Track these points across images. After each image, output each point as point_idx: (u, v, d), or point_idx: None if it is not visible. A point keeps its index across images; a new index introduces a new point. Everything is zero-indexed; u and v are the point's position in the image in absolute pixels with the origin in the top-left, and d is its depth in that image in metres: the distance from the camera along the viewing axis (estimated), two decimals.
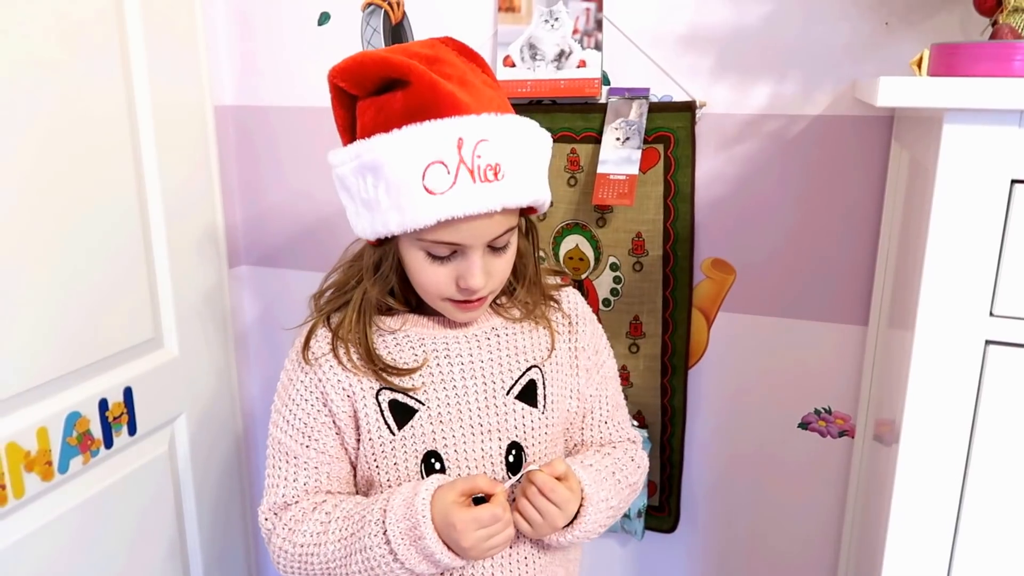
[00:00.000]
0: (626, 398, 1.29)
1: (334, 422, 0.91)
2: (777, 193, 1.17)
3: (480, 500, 0.84)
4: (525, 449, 0.92)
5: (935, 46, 0.65)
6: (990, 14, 0.85)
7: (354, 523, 0.86)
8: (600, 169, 1.18)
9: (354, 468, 0.94)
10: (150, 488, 1.31)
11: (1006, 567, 0.70)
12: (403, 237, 0.83)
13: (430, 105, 0.77)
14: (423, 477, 0.89)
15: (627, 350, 1.28)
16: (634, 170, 1.17)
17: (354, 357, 0.89)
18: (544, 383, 0.94)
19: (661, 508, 1.33)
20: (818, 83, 1.11)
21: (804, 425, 1.24)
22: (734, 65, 1.14)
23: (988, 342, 0.66)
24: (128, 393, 1.24)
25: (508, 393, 0.92)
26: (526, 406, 0.92)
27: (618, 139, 1.18)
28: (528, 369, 0.94)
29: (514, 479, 0.87)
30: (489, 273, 0.85)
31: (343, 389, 0.90)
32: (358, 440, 0.92)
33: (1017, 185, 0.63)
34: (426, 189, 0.77)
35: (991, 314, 0.65)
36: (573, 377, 0.98)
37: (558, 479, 0.85)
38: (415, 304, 0.93)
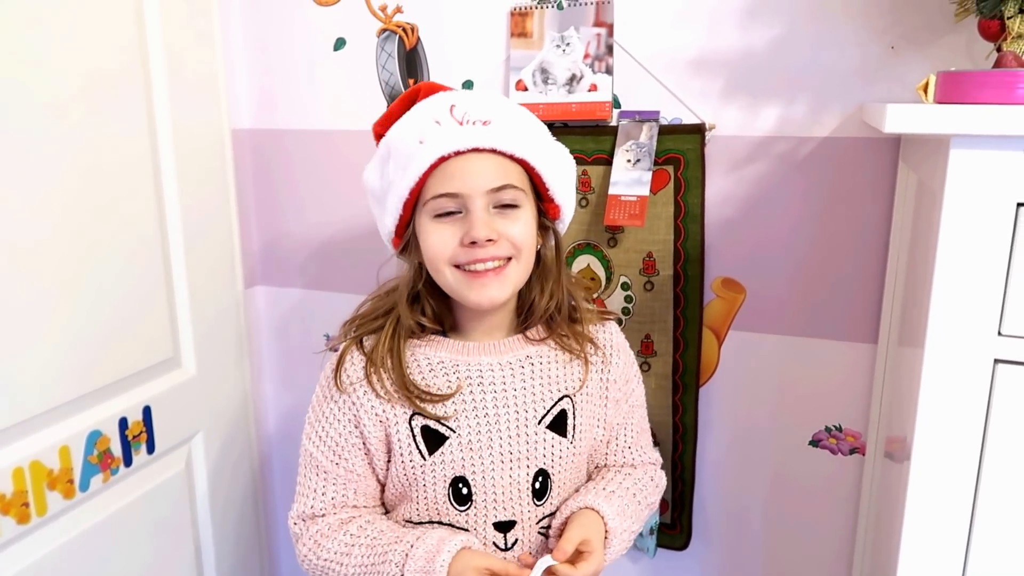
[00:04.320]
0: None
1: (364, 444, 0.94)
2: (786, 213, 1.18)
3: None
4: (551, 476, 0.95)
5: (941, 74, 0.67)
6: (994, 39, 0.87)
7: (376, 555, 0.90)
8: (612, 190, 1.20)
9: (382, 485, 0.98)
10: (168, 505, 1.33)
11: None
12: (417, 218, 0.89)
13: (427, 91, 0.91)
14: (451, 500, 0.92)
15: (639, 368, 1.29)
16: (645, 191, 1.19)
17: (387, 384, 0.92)
18: (574, 413, 0.97)
19: (673, 526, 1.34)
20: (826, 105, 1.13)
21: (815, 443, 1.25)
22: (743, 88, 1.16)
23: (997, 361, 0.67)
24: (147, 412, 1.26)
25: (540, 423, 0.94)
26: (556, 435, 0.95)
27: (629, 161, 1.20)
28: (560, 399, 0.96)
29: (537, 570, 0.86)
30: (496, 232, 0.86)
31: (376, 415, 0.92)
32: (388, 462, 0.95)
33: (1023, 208, 0.64)
34: (420, 142, 0.85)
35: (999, 333, 0.67)
36: (602, 408, 1.01)
37: (578, 550, 0.88)
38: (449, 326, 0.96)
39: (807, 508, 1.28)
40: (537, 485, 0.94)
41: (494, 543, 0.94)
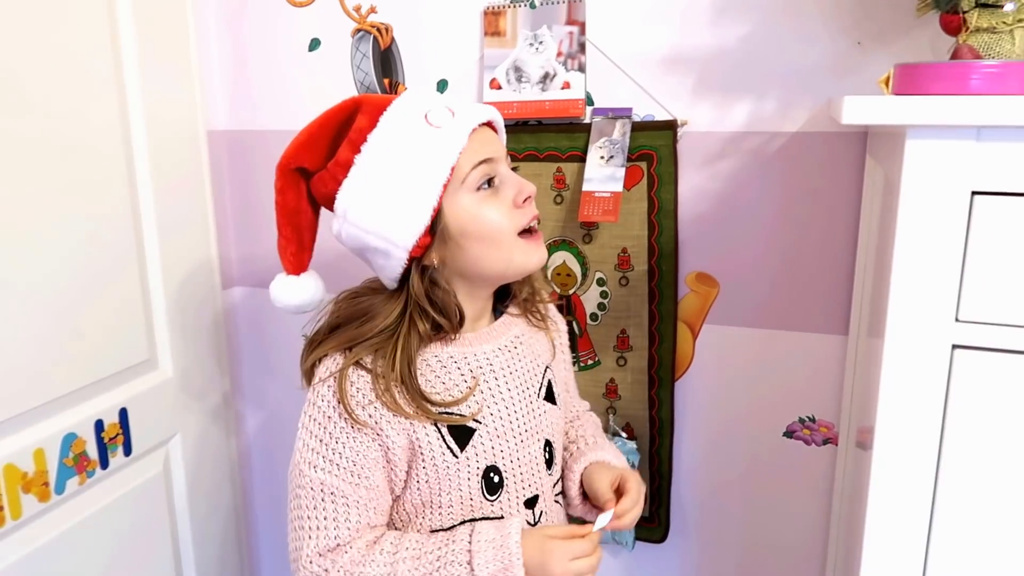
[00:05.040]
0: (615, 411, 1.33)
1: (385, 455, 0.89)
2: (758, 208, 1.20)
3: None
4: (553, 444, 0.99)
5: (899, 66, 0.68)
6: (956, 33, 0.89)
7: (428, 563, 0.86)
8: (585, 187, 1.21)
9: (393, 499, 0.94)
10: (145, 508, 1.33)
11: (979, 568, 0.73)
12: (454, 201, 0.85)
13: (372, 102, 0.89)
14: (483, 492, 0.92)
15: (615, 363, 1.31)
16: (618, 187, 1.20)
17: (401, 403, 0.87)
18: (555, 381, 1.02)
19: (651, 519, 1.35)
20: (795, 101, 1.15)
21: (789, 434, 1.27)
22: (714, 85, 1.18)
23: (955, 346, 0.69)
24: (123, 414, 1.25)
25: (538, 396, 0.98)
26: (550, 405, 0.99)
27: (602, 158, 1.22)
28: (545, 371, 1.00)
29: (602, 521, 0.92)
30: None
31: (399, 422, 0.88)
32: (408, 471, 0.91)
33: (977, 196, 0.66)
34: (436, 127, 0.85)
35: (957, 319, 0.68)
36: (563, 371, 1.08)
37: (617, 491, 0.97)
38: (460, 320, 0.92)
39: (783, 499, 1.29)
40: (547, 455, 0.98)
41: (527, 522, 0.96)
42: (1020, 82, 0.64)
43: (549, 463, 0.99)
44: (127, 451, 1.27)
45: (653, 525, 1.36)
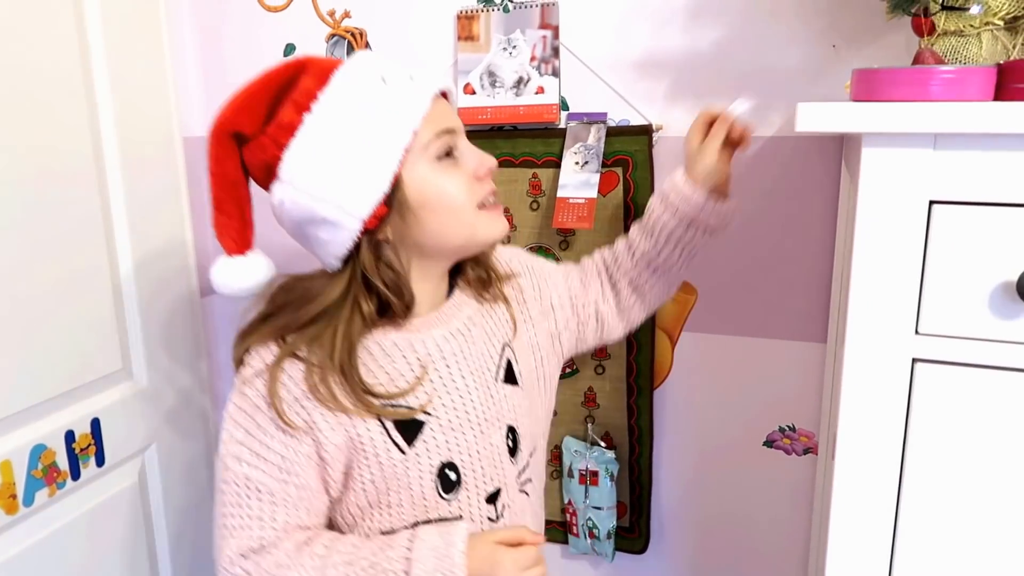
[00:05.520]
0: (593, 420, 1.31)
1: (318, 453, 0.82)
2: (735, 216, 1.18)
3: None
4: (518, 430, 0.93)
5: (856, 71, 0.67)
6: (926, 36, 0.87)
7: (362, 570, 0.80)
8: (560, 193, 1.20)
9: (331, 499, 0.87)
10: (120, 519, 1.31)
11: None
12: (412, 171, 0.80)
13: (318, 64, 0.83)
14: (439, 491, 0.86)
15: (593, 372, 1.29)
16: (592, 193, 1.18)
17: (340, 396, 0.81)
18: (516, 359, 0.94)
19: (631, 529, 1.33)
20: (771, 105, 1.12)
21: (769, 443, 1.25)
22: (689, 89, 1.16)
23: (915, 360, 0.67)
24: (96, 424, 1.24)
25: (496, 379, 0.91)
26: (512, 387, 0.92)
27: (577, 163, 1.20)
28: (503, 350, 0.93)
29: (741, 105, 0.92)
30: None
31: (336, 417, 0.82)
32: (345, 473, 0.84)
33: (936, 206, 0.64)
34: (398, 85, 0.80)
35: (917, 332, 0.66)
36: (543, 325, 1.00)
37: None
38: (409, 302, 0.86)
39: (763, 509, 1.27)
40: (510, 443, 0.91)
41: (488, 518, 0.89)
42: (978, 88, 0.62)
43: (513, 451, 0.91)
44: (100, 462, 1.26)
45: (633, 535, 1.34)
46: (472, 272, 0.94)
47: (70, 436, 1.20)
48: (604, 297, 1.04)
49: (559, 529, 1.36)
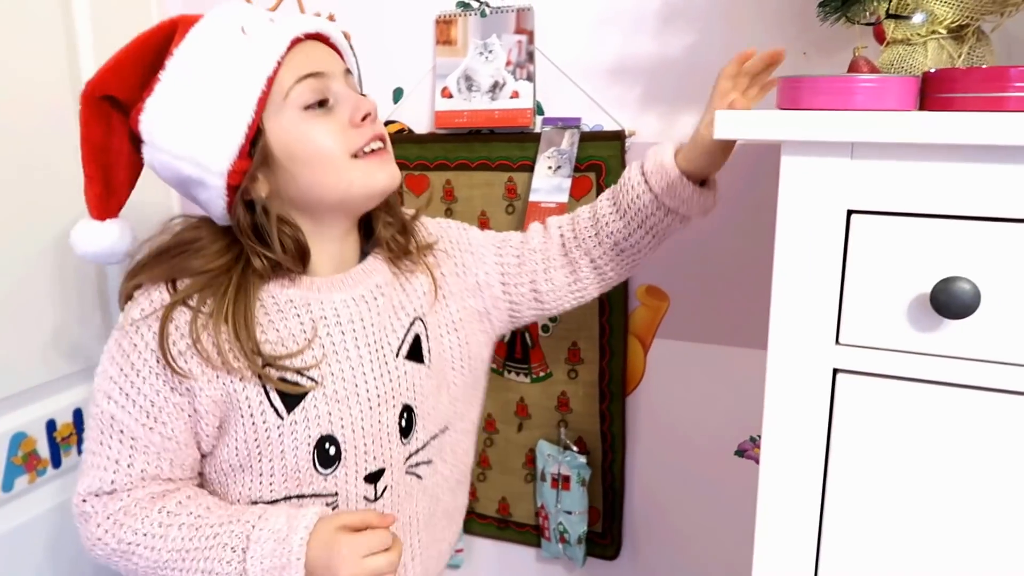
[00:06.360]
0: (566, 425, 1.31)
1: (192, 404, 0.80)
2: (706, 220, 1.17)
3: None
4: (415, 410, 0.87)
5: (781, 79, 0.66)
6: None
7: (203, 537, 0.79)
8: (532, 197, 1.20)
9: (203, 455, 0.85)
10: None
11: None
12: (274, 123, 0.77)
13: (187, 21, 0.80)
14: (315, 464, 0.82)
15: (566, 376, 1.29)
16: (564, 198, 1.18)
17: (225, 349, 0.77)
18: (427, 335, 0.89)
19: (603, 535, 1.33)
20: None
21: (740, 452, 1.23)
22: (661, 95, 1.16)
23: (837, 370, 0.66)
24: (78, 414, 1.28)
25: (397, 355, 0.86)
26: (415, 364, 0.87)
27: (550, 168, 1.20)
28: (412, 323, 0.88)
29: None
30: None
31: (213, 369, 0.78)
32: (219, 427, 0.81)
33: (854, 215, 0.63)
34: (256, 33, 0.77)
35: (837, 342, 0.65)
36: (454, 312, 0.93)
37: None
38: (302, 258, 0.83)
39: (735, 517, 1.26)
40: (403, 423, 0.86)
41: (364, 497, 0.85)
42: (898, 97, 0.61)
43: (406, 432, 0.86)
44: (81, 451, 1.29)
45: (605, 542, 1.33)
46: (385, 233, 0.89)
47: (51, 425, 1.23)
48: (547, 275, 0.96)
49: (532, 532, 1.37)
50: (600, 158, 1.20)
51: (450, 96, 1.26)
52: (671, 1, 1.13)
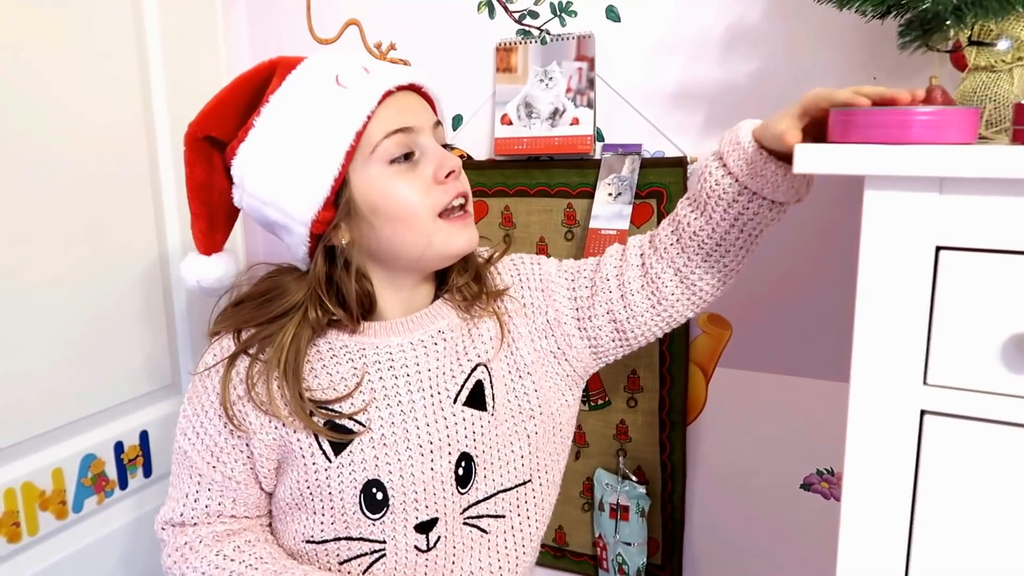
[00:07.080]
0: (625, 454, 1.29)
1: (248, 445, 0.83)
2: (771, 248, 1.14)
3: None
4: (475, 459, 0.85)
5: (833, 111, 0.64)
6: (964, 70, 0.83)
7: None
8: (592, 224, 1.19)
9: (268, 493, 0.88)
10: None
11: None
12: (360, 174, 0.78)
13: (287, 63, 0.83)
14: (362, 509, 0.82)
15: (625, 404, 1.27)
16: (624, 225, 1.17)
17: (277, 398, 0.80)
18: (491, 381, 0.86)
19: (663, 567, 1.30)
20: None
21: (807, 486, 1.20)
22: (724, 121, 1.14)
23: (924, 412, 0.63)
24: (144, 436, 1.30)
25: (455, 401, 0.84)
26: (475, 411, 0.84)
27: (610, 194, 1.20)
28: (474, 370, 0.86)
29: None
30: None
31: (265, 413, 0.82)
32: (276, 469, 0.85)
33: (943, 252, 0.61)
34: (344, 87, 0.78)
35: (925, 383, 0.63)
36: (523, 357, 0.89)
37: None
38: (367, 309, 0.85)
39: (799, 553, 1.22)
40: (460, 472, 0.83)
41: (415, 547, 0.83)
42: (959, 131, 0.59)
43: (464, 481, 0.84)
44: (147, 473, 1.32)
45: (666, 574, 1.31)
46: (458, 280, 0.88)
47: (119, 447, 1.26)
48: (625, 302, 0.89)
49: (589, 563, 1.35)
50: (662, 184, 1.18)
51: (510, 123, 1.26)
52: (733, 26, 1.12)
